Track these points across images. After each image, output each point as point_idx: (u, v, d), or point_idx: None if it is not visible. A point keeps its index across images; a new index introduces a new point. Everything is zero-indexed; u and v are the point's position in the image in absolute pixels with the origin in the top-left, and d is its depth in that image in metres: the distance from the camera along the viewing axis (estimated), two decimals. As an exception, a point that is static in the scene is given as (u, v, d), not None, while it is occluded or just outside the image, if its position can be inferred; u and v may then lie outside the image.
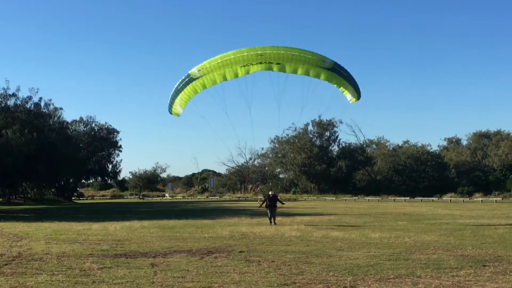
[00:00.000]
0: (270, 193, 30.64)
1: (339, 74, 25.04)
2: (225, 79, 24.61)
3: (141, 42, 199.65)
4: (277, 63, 24.17)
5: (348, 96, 25.87)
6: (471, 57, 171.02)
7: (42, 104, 73.10)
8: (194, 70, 24.76)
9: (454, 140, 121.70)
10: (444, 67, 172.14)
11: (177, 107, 25.91)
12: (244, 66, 24.23)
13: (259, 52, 24.02)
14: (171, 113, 26.67)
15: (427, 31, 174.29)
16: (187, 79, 24.92)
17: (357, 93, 25.84)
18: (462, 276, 12.23)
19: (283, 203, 32.41)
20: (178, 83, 25.40)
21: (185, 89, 25.00)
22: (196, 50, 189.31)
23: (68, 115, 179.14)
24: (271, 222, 29.21)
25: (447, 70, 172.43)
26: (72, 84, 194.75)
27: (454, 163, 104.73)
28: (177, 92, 25.31)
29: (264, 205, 30.45)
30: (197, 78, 24.56)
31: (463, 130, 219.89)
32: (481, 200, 73.27)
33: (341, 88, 25.58)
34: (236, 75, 24.52)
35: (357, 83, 25.92)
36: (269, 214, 29.71)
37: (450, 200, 76.97)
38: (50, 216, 41.35)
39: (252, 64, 24.14)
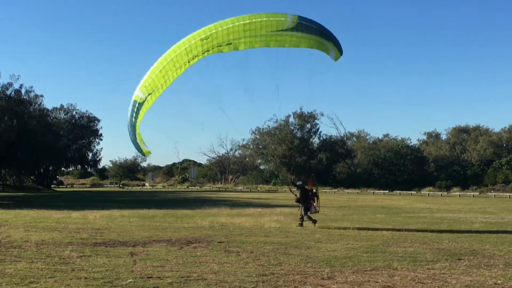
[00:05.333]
0: (297, 183, 24.62)
1: (308, 31, 20.85)
2: (170, 82, 20.89)
3: (121, 29, 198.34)
4: (228, 44, 20.45)
5: (330, 54, 21.76)
6: (451, 52, 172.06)
7: (23, 91, 72.67)
8: (138, 93, 20.68)
9: (433, 134, 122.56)
10: (424, 62, 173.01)
11: (144, 146, 21.90)
12: (188, 62, 20.51)
13: (203, 36, 20.14)
14: (143, 155, 23.56)
15: (408, 26, 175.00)
16: (136, 109, 20.64)
17: (336, 47, 21.67)
18: (438, 269, 12.42)
19: (314, 196, 24.10)
20: (129, 119, 20.97)
21: (138, 119, 20.87)
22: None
23: (49, 103, 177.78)
24: (301, 220, 23.59)
25: (428, 65, 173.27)
26: (53, 72, 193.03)
27: (433, 157, 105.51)
28: (134, 129, 21.05)
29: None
30: (145, 100, 20.58)
31: (443, 124, 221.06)
32: (459, 195, 73.95)
33: (315, 48, 21.52)
34: (181, 72, 20.88)
35: (333, 35, 21.65)
36: (303, 210, 23.69)
37: (429, 194, 77.55)
38: (29, 203, 41.16)
39: (198, 56, 20.44)
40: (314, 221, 23.18)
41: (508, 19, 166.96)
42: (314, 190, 24.14)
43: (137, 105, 20.61)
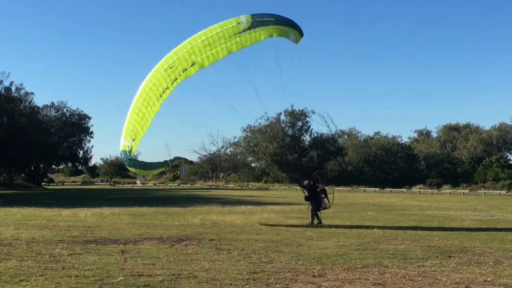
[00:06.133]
0: (304, 182, 24.57)
1: (264, 24, 21.24)
2: (149, 122, 21.47)
3: (110, 26, 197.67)
4: (192, 64, 21.03)
5: (289, 37, 22.26)
6: (442, 50, 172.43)
7: (13, 88, 72.41)
8: (124, 143, 21.25)
9: (424, 132, 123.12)
10: (415, 60, 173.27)
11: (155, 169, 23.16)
12: (160, 96, 21.06)
13: (166, 66, 20.86)
14: (166, 165, 23.62)
15: (399, 23, 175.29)
16: (126, 156, 21.24)
17: (296, 30, 22.11)
18: (428, 266, 12.47)
19: (323, 195, 23.94)
20: (127, 163, 21.81)
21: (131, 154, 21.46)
22: (168, 34, 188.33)
23: (39, 100, 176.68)
24: (312, 220, 23.44)
25: (418, 63, 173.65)
26: (43, 69, 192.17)
27: (424, 155, 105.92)
28: (138, 163, 22.14)
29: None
30: (131, 146, 21.23)
31: (433, 122, 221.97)
32: (449, 192, 74.18)
33: (275, 35, 21.87)
34: (156, 109, 21.43)
35: (290, 20, 22.07)
36: (315, 207, 23.69)
37: (419, 191, 77.76)
38: (19, 201, 41.04)
39: (168, 88, 21.00)
40: (319, 221, 23.27)
41: (498, 17, 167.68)
42: (320, 187, 24.28)
43: (127, 152, 21.24)
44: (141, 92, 21.10)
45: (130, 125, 21.16)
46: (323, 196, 23.98)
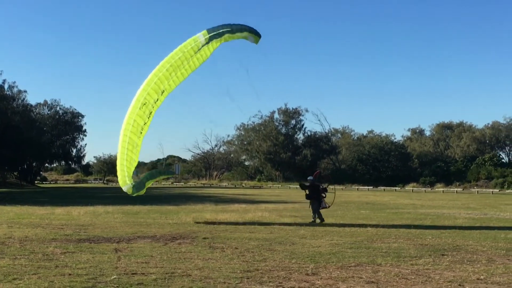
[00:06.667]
0: (308, 178, 24.90)
1: (221, 35, 22.22)
2: (136, 160, 22.72)
3: (104, 25, 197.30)
4: (162, 92, 22.05)
5: (248, 39, 23.45)
6: (436, 48, 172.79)
7: (6, 86, 72.20)
8: (123, 178, 22.32)
9: (417, 130, 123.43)
10: (408, 59, 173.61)
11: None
12: (140, 132, 22.11)
13: (140, 104, 21.68)
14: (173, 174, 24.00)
15: (393, 22, 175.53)
16: (132, 190, 22.21)
17: (253, 33, 23.29)
18: (421, 264, 12.50)
19: (324, 195, 24.28)
20: (130, 192, 22.43)
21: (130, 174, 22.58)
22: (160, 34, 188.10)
23: (32, 98, 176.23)
24: (315, 217, 23.85)
25: (412, 62, 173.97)
26: (36, 67, 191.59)
27: (417, 154, 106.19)
28: (141, 185, 23.01)
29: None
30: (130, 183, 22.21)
31: (427, 121, 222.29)
32: (443, 191, 74.38)
33: (230, 40, 22.93)
34: (139, 148, 22.62)
35: (246, 26, 23.28)
36: (315, 206, 23.96)
37: (412, 190, 77.95)
38: (12, 199, 40.93)
39: (146, 123, 22.03)
40: (321, 219, 23.48)
41: (491, 16, 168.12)
42: (322, 186, 24.51)
43: (128, 185, 22.18)
44: (124, 137, 22.11)
45: (123, 172, 22.28)
46: (324, 195, 24.18)
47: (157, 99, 22.05)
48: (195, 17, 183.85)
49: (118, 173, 22.67)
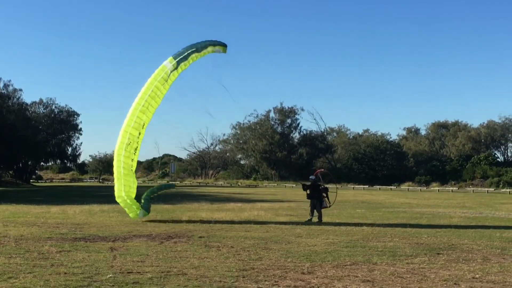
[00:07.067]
0: (310, 177, 25.34)
1: (186, 58, 22.80)
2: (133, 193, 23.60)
3: (99, 23, 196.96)
4: (142, 126, 22.68)
5: (215, 51, 23.86)
6: (431, 48, 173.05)
7: (1, 85, 72.10)
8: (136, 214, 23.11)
9: (413, 129, 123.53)
10: (404, 58, 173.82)
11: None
12: (131, 169, 23.01)
13: (125, 145, 22.27)
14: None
15: (387, 21, 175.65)
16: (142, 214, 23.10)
17: (218, 45, 23.70)
18: (417, 263, 12.51)
19: (325, 194, 24.45)
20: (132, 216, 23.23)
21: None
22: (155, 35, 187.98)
23: (28, 97, 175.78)
24: (311, 216, 23.85)
25: (408, 61, 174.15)
26: (32, 65, 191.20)
27: (413, 153, 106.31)
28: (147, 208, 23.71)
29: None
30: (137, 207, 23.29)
31: (422, 120, 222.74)
32: (438, 190, 74.55)
33: (198, 58, 23.45)
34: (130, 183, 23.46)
35: (209, 40, 23.61)
36: (317, 205, 23.97)
37: (408, 189, 78.11)
38: (8, 198, 40.85)
39: (133, 160, 22.87)
40: (320, 219, 23.45)
41: (486, 15, 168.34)
42: (322, 186, 24.71)
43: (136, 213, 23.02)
44: (119, 180, 22.82)
45: (123, 201, 23.10)
46: (325, 195, 24.29)
47: (139, 133, 22.65)
48: (189, 15, 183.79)
49: (125, 208, 23.25)
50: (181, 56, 22.73)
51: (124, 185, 22.74)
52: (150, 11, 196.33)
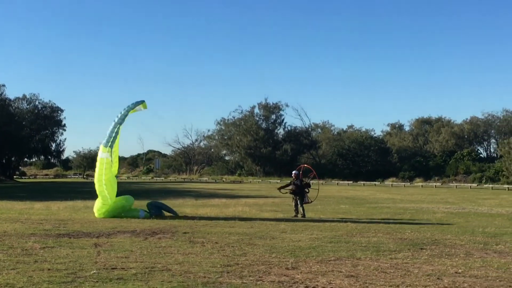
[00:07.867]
0: (293, 172, 25.52)
1: (116, 138, 23.22)
2: None
3: (84, 19, 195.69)
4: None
5: (140, 110, 24.49)
6: (415, 43, 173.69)
7: (-16, 80, 71.35)
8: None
9: (397, 125, 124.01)
10: (388, 53, 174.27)
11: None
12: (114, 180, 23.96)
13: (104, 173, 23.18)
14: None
15: (372, 14, 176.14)
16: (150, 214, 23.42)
17: (137, 105, 24.07)
18: (400, 258, 12.60)
19: (307, 190, 24.68)
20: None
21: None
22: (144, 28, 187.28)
23: (11, 93, 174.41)
24: (296, 212, 24.10)
25: (391, 57, 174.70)
26: (15, 61, 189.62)
27: (397, 148, 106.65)
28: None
29: (288, 189, 24.90)
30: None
31: (406, 116, 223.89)
32: (421, 185, 74.96)
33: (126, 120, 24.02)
34: None
35: (128, 106, 23.95)
36: (298, 201, 24.14)
37: (392, 184, 78.42)
38: (-10, 194, 40.57)
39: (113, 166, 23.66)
40: (303, 214, 23.67)
41: (470, 11, 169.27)
42: (305, 181, 24.91)
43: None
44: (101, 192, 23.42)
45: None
46: (307, 190, 24.47)
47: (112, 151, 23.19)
48: (166, 6, 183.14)
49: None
50: (111, 139, 23.01)
51: (109, 193, 23.09)
52: (131, 4, 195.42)
